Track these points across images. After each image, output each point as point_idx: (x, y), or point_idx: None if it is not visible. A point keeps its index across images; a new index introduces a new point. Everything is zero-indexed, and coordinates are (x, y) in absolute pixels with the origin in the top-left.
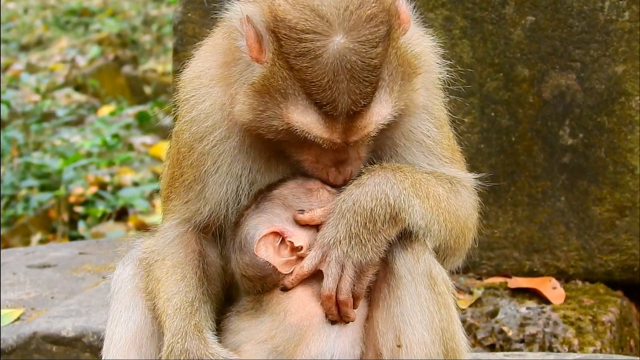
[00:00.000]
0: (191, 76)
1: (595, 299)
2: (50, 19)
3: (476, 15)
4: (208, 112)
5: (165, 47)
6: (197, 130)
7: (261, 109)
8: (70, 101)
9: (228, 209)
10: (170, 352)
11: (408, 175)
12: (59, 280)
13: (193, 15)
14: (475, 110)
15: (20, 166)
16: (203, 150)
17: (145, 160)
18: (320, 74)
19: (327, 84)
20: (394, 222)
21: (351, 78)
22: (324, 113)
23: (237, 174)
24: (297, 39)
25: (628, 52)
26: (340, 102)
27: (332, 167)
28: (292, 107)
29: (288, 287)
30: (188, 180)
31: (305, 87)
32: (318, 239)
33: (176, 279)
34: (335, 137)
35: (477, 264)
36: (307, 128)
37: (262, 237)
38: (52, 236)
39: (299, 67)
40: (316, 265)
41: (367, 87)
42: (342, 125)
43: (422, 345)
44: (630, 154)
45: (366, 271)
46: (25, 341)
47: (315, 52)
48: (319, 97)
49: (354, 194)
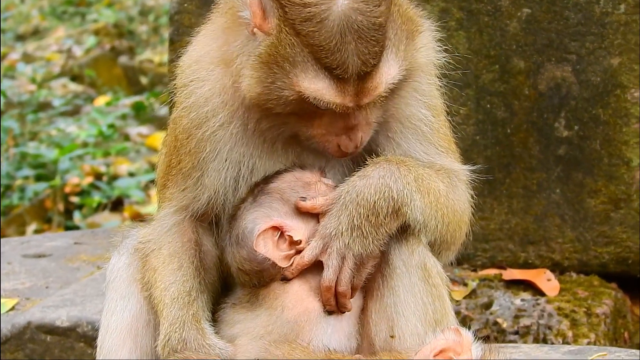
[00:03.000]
0: (189, 61)
1: (589, 291)
2: (46, 8)
3: (472, 7)
4: (207, 97)
5: (161, 38)
6: (196, 116)
7: (270, 80)
8: (66, 91)
9: (227, 197)
10: (168, 341)
11: (412, 170)
12: (54, 270)
13: (189, 6)
14: (470, 102)
15: (16, 156)
16: (202, 137)
17: (141, 150)
18: (327, 37)
19: (335, 47)
20: (396, 215)
21: (359, 38)
22: (334, 77)
23: (237, 160)
24: (301, 4)
25: (624, 44)
26: (350, 63)
27: (342, 135)
28: (302, 74)
29: (288, 277)
30: (186, 167)
31: (314, 52)
32: (319, 230)
33: (173, 269)
34: (348, 100)
35: (472, 255)
36: (319, 94)
37: (261, 231)
38: (48, 226)
39: (305, 32)
40: (317, 255)
41: (374, 47)
42: (354, 88)
43: (415, 337)
44: (625, 147)
45: (366, 263)
46: (20, 331)
47: (320, 16)
48: (328, 61)
49: (357, 185)
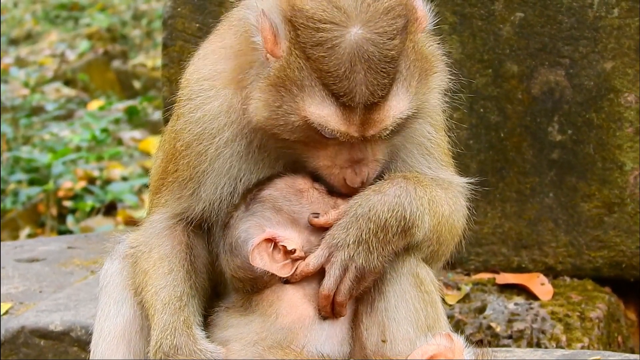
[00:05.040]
0: (197, 77)
1: (583, 295)
2: (39, 13)
3: (465, 11)
4: (214, 114)
5: (154, 42)
6: (200, 131)
7: (277, 104)
8: (59, 95)
9: (221, 208)
10: (159, 347)
11: (427, 191)
12: (48, 275)
13: (183, 10)
14: (464, 106)
15: (9, 160)
16: (204, 151)
17: (134, 155)
18: (337, 64)
19: (344, 74)
20: (405, 235)
21: (368, 68)
22: (341, 104)
23: (235, 176)
24: (314, 28)
25: (617, 48)
26: (358, 92)
27: (348, 168)
28: (309, 99)
29: (291, 281)
30: (182, 177)
31: (322, 78)
32: (326, 238)
33: (164, 272)
34: (353, 130)
35: (466, 259)
36: (324, 121)
37: (255, 246)
38: (41, 230)
39: (315, 57)
40: (322, 263)
41: (384, 79)
42: (360, 118)
43: (406, 342)
44: (618, 151)
45: (367, 278)
46: (14, 335)
47: (332, 42)
48: (335, 88)
49: (371, 200)
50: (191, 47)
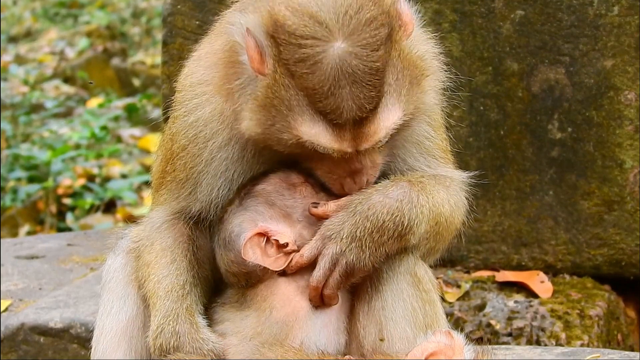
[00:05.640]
0: (190, 81)
1: (583, 293)
2: (39, 10)
3: (465, 8)
4: (207, 119)
5: (154, 40)
6: (194, 135)
7: (269, 123)
8: (58, 93)
9: (218, 207)
10: (160, 333)
11: (429, 199)
12: (47, 272)
13: (182, 8)
14: (464, 103)
15: (8, 157)
16: (198, 154)
17: (133, 152)
18: (321, 80)
19: (329, 90)
20: (399, 240)
21: (353, 82)
22: (330, 122)
23: (231, 177)
24: (296, 44)
25: (617, 46)
26: (345, 108)
27: (346, 177)
28: (299, 118)
29: (287, 272)
30: (179, 177)
31: (308, 96)
32: (321, 230)
33: (166, 262)
34: (345, 146)
35: (465, 257)
36: (316, 139)
37: (247, 240)
38: (40, 228)
39: (299, 74)
40: (315, 255)
41: (370, 91)
42: (351, 133)
43: (404, 340)
44: (618, 149)
45: (356, 274)
46: (13, 332)
47: (314, 58)
48: (322, 105)
49: (372, 199)
50: (191, 45)
